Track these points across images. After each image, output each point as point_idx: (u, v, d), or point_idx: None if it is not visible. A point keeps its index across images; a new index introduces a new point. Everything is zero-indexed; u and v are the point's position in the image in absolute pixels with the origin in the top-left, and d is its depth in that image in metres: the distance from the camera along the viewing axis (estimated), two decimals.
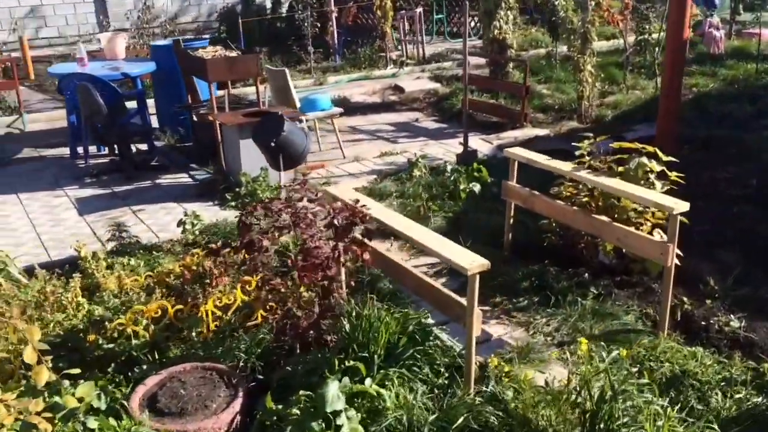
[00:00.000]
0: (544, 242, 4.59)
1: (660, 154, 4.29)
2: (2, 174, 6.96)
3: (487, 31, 9.68)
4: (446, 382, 3.24)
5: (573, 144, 4.65)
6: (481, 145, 7.73)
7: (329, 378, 2.86)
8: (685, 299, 4.08)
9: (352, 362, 3.00)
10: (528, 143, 7.74)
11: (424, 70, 11.73)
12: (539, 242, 4.73)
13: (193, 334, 3.67)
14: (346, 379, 2.91)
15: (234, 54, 6.73)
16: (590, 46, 8.29)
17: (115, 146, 6.99)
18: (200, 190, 6.41)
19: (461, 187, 5.78)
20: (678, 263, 4.07)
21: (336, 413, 2.72)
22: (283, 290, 3.44)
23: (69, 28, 13.94)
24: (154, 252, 4.87)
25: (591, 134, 4.59)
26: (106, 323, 3.54)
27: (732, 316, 3.86)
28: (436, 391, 3.17)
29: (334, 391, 2.78)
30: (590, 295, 4.12)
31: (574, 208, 4.19)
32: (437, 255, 3.18)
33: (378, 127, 8.71)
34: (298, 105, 6.99)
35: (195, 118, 7.09)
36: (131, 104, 7.41)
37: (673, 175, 4.33)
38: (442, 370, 3.31)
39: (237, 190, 6.05)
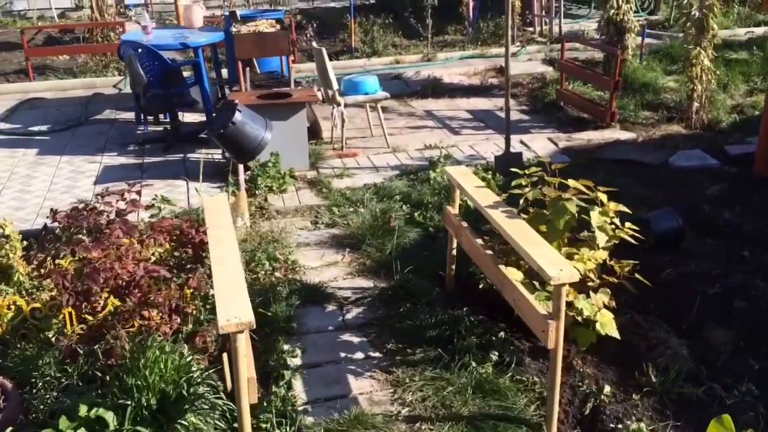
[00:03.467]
0: (479, 285, 3.83)
1: (603, 199, 3.34)
2: (68, 134, 7.38)
3: (604, 11, 8.47)
4: None
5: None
6: (544, 146, 6.79)
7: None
8: (607, 388, 3.18)
9: (100, 411, 2.67)
10: (600, 148, 6.69)
11: (552, 50, 10.64)
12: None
13: (51, 336, 3.55)
14: None
15: (273, 30, 6.47)
16: (707, 37, 6.88)
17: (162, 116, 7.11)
18: (218, 169, 6.30)
19: None
20: (618, 337, 3.22)
21: None
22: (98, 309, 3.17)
23: None
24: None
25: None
26: None
27: (643, 425, 2.92)
28: None
29: None
30: (492, 360, 3.37)
31: (487, 251, 3.41)
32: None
33: (455, 114, 8.03)
34: (336, 86, 6.58)
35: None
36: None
37: (626, 228, 3.37)
38: None
39: None
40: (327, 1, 15.57)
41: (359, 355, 3.58)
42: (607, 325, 3.20)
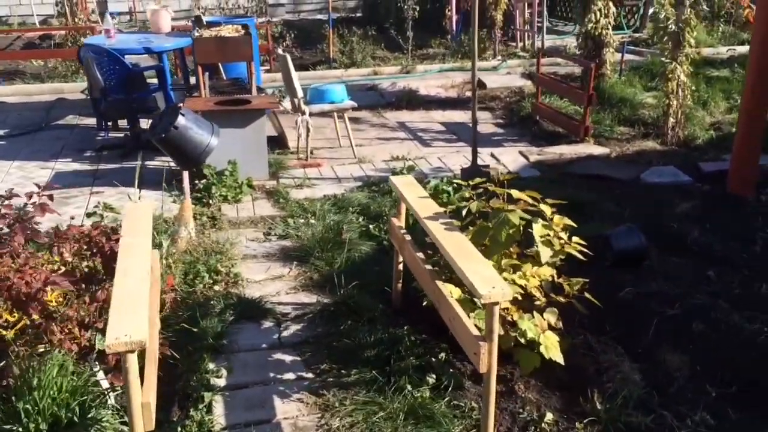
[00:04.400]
0: (423, 302, 3.59)
1: (547, 211, 3.11)
2: (25, 140, 7.14)
3: (582, 25, 8.33)
4: None
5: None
6: (515, 159, 6.59)
7: None
8: (549, 415, 2.95)
9: None
10: (572, 163, 6.50)
11: (532, 64, 10.47)
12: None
13: None
14: None
15: (235, 35, 6.26)
16: (684, 51, 6.71)
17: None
18: (174, 177, 6.06)
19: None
20: (561, 362, 2.98)
21: None
22: None
23: None
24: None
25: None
26: None
27: None
28: None
29: None
30: (429, 383, 3.13)
31: (426, 266, 3.18)
32: None
33: (428, 126, 7.83)
34: (300, 94, 6.37)
35: None
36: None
37: (574, 244, 3.15)
38: None
39: (195, 182, 5.62)
40: (314, 14, 15.45)
41: (290, 376, 3.34)
42: (551, 348, 2.96)
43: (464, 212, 3.22)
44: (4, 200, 3.04)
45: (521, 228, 3.03)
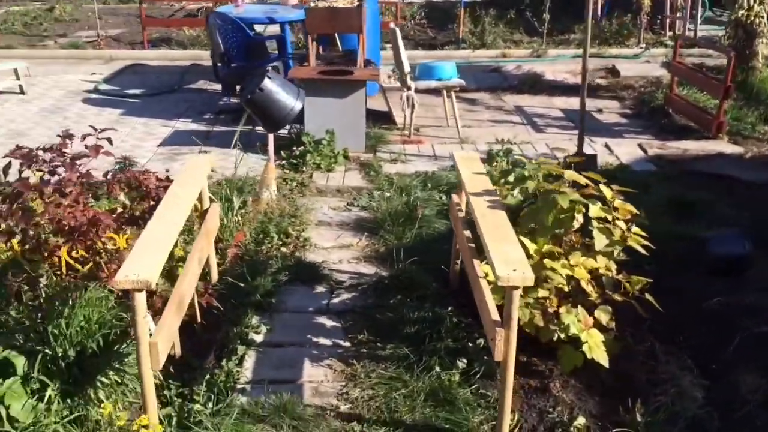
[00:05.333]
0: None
1: (608, 195, 2.80)
2: (157, 99, 7.62)
3: (733, 11, 7.56)
4: None
5: None
6: (631, 151, 6.12)
7: None
8: (582, 419, 2.68)
9: (12, 354, 2.57)
10: (696, 160, 5.92)
11: (681, 54, 9.68)
12: None
13: (42, 279, 3.55)
14: None
15: (348, 6, 6.27)
16: None
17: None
18: (278, 142, 6.19)
19: None
20: (609, 366, 2.72)
21: None
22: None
23: None
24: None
25: None
26: None
27: None
28: None
29: None
30: (459, 367, 2.96)
31: (470, 245, 2.99)
32: None
33: (546, 111, 7.47)
34: (407, 70, 6.27)
35: None
36: None
37: (634, 235, 2.82)
38: None
39: (293, 149, 5.72)
40: None
41: (327, 342, 3.29)
42: (594, 347, 2.69)
43: (515, 192, 2.99)
44: (69, 139, 3.19)
45: (575, 213, 2.76)
